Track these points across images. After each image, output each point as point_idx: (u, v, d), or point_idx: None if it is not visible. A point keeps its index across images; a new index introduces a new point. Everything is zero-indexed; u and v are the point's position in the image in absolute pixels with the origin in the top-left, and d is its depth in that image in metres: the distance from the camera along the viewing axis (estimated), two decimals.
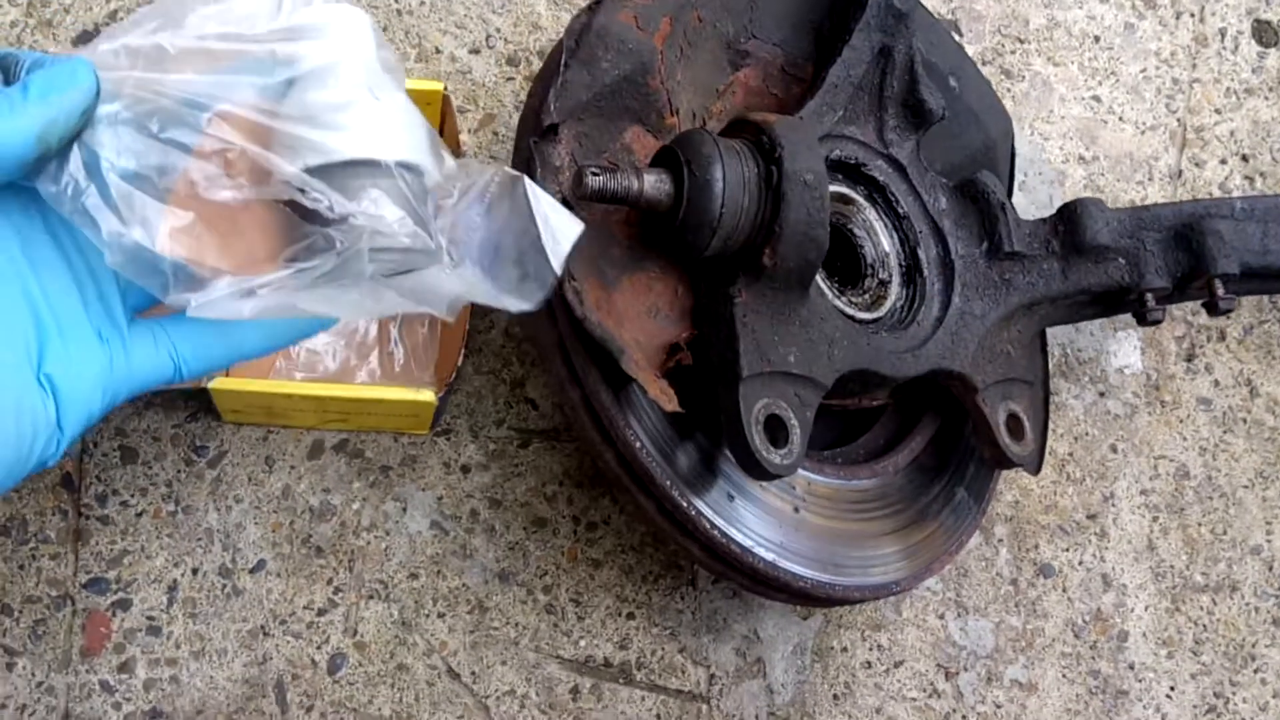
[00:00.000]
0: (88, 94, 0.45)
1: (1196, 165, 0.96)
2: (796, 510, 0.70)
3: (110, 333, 0.49)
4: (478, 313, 0.82)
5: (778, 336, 0.65)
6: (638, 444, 0.64)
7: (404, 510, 0.78)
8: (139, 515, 0.75)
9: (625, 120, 0.69)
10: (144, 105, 0.47)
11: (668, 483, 0.65)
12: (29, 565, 0.74)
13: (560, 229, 0.53)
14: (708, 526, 0.66)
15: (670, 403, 0.62)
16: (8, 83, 0.46)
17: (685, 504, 0.65)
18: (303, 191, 0.47)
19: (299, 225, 0.48)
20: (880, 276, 0.76)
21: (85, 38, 0.83)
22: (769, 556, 0.67)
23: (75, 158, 0.46)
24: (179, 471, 0.76)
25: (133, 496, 0.76)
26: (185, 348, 0.51)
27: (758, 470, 0.62)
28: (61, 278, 0.49)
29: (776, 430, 0.63)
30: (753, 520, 0.68)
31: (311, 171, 0.47)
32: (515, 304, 0.52)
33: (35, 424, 0.46)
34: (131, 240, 0.46)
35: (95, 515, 0.75)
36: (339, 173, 0.48)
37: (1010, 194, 0.85)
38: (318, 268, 0.48)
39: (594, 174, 0.61)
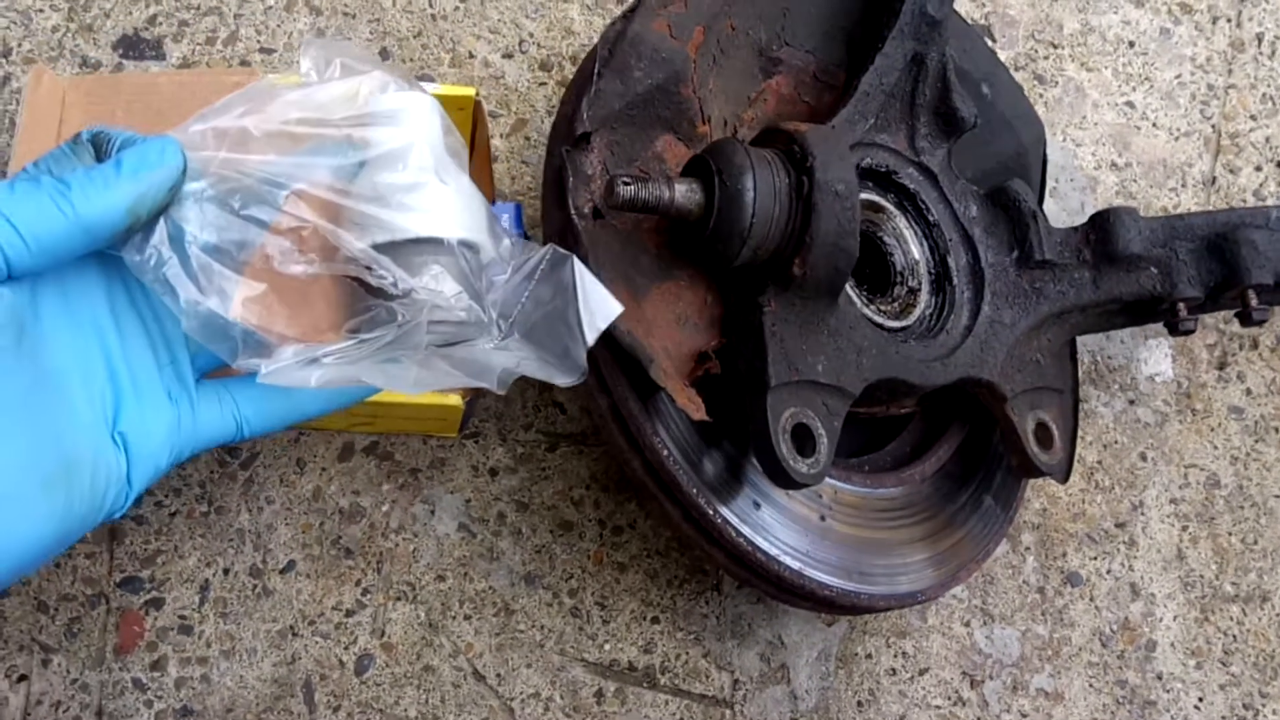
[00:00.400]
0: (175, 172, 0.48)
1: (1231, 172, 0.95)
2: (823, 518, 0.70)
3: (179, 394, 0.52)
4: None
5: (806, 345, 0.65)
6: (665, 452, 0.65)
7: (432, 513, 0.78)
8: (173, 515, 0.76)
9: (657, 129, 0.69)
10: (227, 184, 0.50)
11: (694, 490, 0.65)
12: (65, 564, 0.75)
13: (599, 308, 0.56)
14: (733, 534, 0.66)
15: (698, 411, 0.62)
16: (99, 159, 0.48)
17: (711, 511, 0.65)
18: (369, 268, 0.50)
19: (363, 298, 0.52)
20: (910, 284, 0.76)
21: (125, 42, 0.84)
22: (794, 565, 0.67)
23: (160, 230, 0.49)
24: (212, 473, 0.77)
25: (167, 497, 0.77)
26: (248, 409, 0.53)
27: (784, 479, 0.63)
28: (139, 341, 0.51)
29: (804, 439, 0.64)
30: (779, 528, 0.68)
31: (379, 248, 0.51)
32: (560, 378, 0.54)
33: (108, 478, 0.48)
34: (207, 308, 0.49)
35: (130, 515, 0.76)
36: (404, 249, 0.51)
37: (1041, 201, 0.85)
38: (379, 339, 0.51)
39: (625, 183, 0.61)
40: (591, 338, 0.56)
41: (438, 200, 0.52)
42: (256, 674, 0.75)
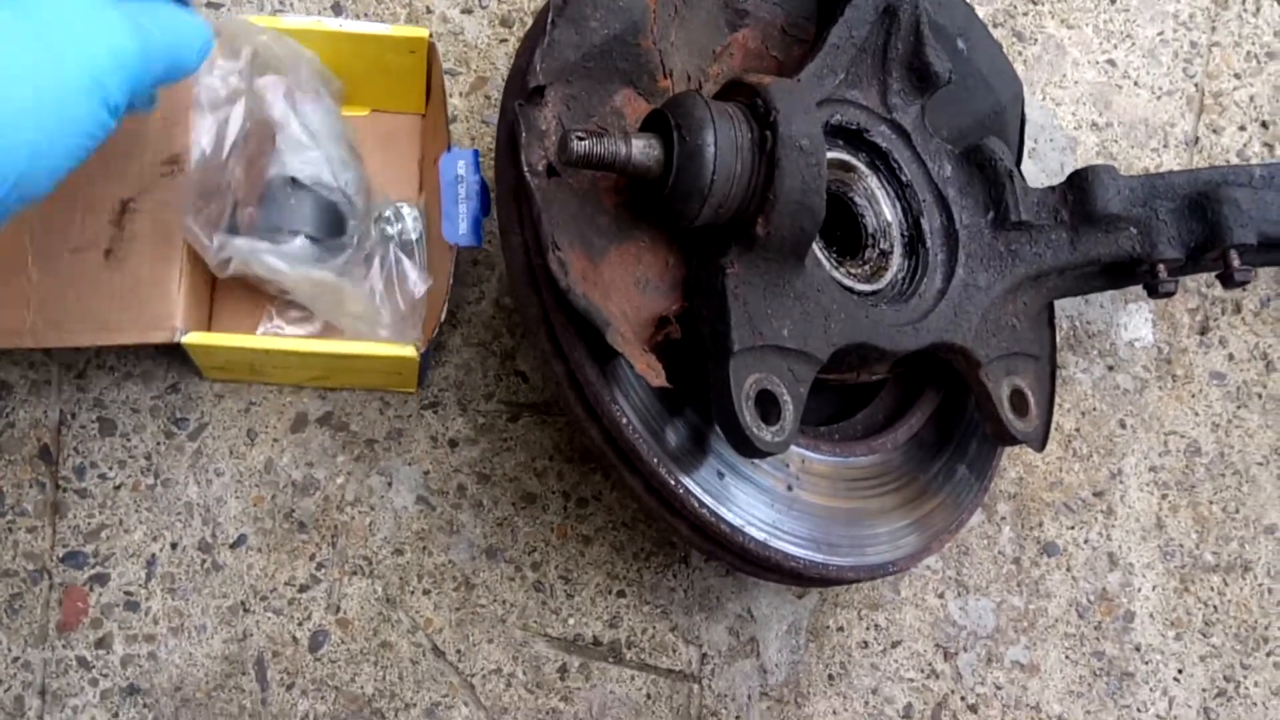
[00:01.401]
0: None
1: (1214, 132, 0.93)
2: (790, 488, 0.68)
3: None
4: (467, 282, 0.80)
5: (771, 309, 0.63)
6: (624, 420, 0.62)
7: (389, 485, 0.76)
8: (117, 488, 0.74)
9: (616, 82, 0.66)
10: None
11: (654, 460, 0.62)
12: (5, 538, 0.72)
13: None
14: (696, 505, 0.63)
15: (657, 378, 0.60)
16: None
17: (673, 482, 0.63)
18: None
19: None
20: (881, 247, 0.73)
21: None
22: (760, 536, 0.65)
23: None
24: (159, 444, 0.74)
25: (111, 469, 0.74)
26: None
27: (748, 448, 0.60)
28: None
29: (768, 406, 0.61)
30: (744, 499, 0.66)
31: None
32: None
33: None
34: None
35: (73, 488, 0.73)
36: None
37: (1020, 161, 0.82)
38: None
39: (579, 138, 0.58)
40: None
41: None
42: (206, 651, 0.72)
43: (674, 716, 0.75)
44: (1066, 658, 0.81)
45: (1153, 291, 0.76)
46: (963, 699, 0.79)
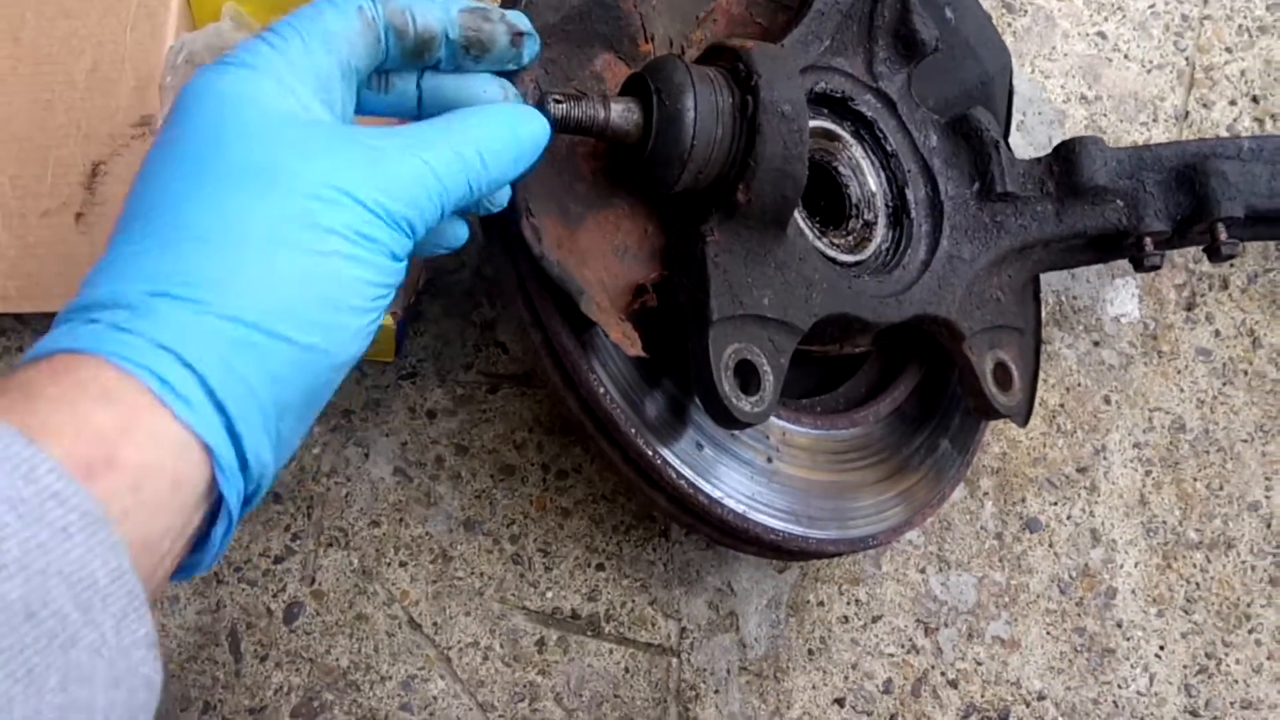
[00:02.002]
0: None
1: (1204, 106, 0.92)
2: (770, 460, 0.67)
3: None
4: None
5: (751, 278, 0.62)
6: (601, 390, 0.61)
7: (366, 456, 0.75)
8: None
9: (596, 46, 0.65)
10: None
11: (632, 430, 0.62)
12: None
13: None
14: (674, 476, 0.63)
15: (633, 347, 0.59)
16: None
17: (650, 453, 0.62)
18: None
19: None
20: (865, 217, 0.72)
21: None
22: (739, 508, 0.64)
23: None
24: None
25: None
26: None
27: (726, 418, 0.59)
28: None
29: (748, 376, 0.60)
30: (723, 470, 0.65)
31: None
32: None
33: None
34: None
35: None
36: None
37: (1007, 134, 0.81)
38: None
39: (557, 101, 0.57)
40: None
41: None
42: (179, 622, 0.71)
43: (652, 690, 0.75)
44: (1048, 633, 0.80)
45: (1139, 265, 0.75)
46: (943, 674, 0.78)
